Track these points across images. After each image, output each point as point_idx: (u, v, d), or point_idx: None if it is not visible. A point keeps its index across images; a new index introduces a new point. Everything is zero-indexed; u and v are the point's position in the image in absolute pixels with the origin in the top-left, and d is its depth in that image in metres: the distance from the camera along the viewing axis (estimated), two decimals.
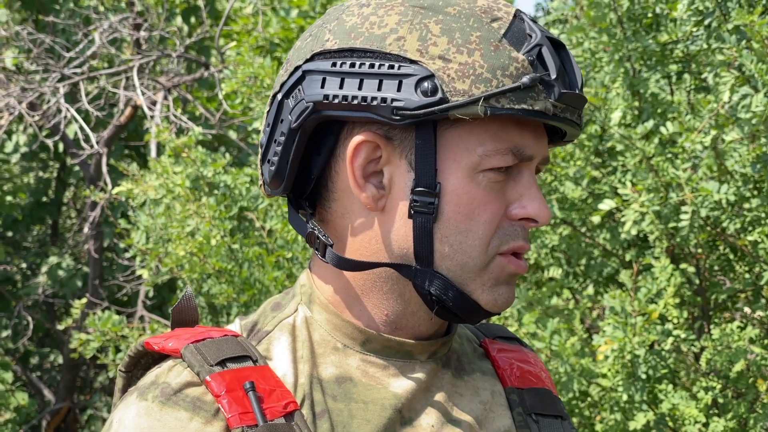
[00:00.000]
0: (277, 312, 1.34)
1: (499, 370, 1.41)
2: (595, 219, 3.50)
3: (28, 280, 9.07)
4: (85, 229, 7.14)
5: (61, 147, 7.84)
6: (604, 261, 3.92)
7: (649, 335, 3.16)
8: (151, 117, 6.29)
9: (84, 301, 4.93)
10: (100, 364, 8.09)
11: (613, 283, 3.95)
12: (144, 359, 1.35)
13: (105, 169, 6.60)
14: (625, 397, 3.24)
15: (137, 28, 6.70)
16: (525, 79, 1.19)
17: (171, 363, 1.27)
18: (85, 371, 8.98)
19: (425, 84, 1.19)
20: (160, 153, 6.16)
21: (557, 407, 1.41)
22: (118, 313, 6.65)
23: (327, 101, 1.22)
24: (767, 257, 3.29)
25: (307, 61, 1.26)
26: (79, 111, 6.92)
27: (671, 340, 3.22)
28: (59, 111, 6.55)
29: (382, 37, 1.22)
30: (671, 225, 3.27)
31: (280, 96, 1.28)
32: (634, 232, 3.29)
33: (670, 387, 3.30)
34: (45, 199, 8.99)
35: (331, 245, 1.29)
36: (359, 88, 1.21)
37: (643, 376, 3.19)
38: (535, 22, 1.25)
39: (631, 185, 3.30)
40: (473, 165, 1.23)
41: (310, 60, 1.26)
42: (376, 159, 1.25)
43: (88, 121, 7.00)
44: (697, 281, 3.62)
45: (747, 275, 3.55)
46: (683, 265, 3.53)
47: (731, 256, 3.60)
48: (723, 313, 3.75)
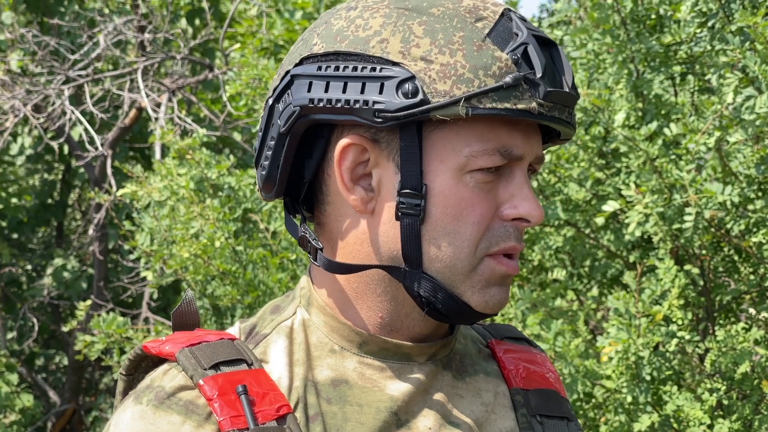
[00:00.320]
0: (276, 315, 1.34)
1: (504, 371, 1.40)
2: (599, 220, 3.49)
3: (34, 282, 9.09)
4: (90, 231, 7.15)
5: (66, 149, 7.85)
6: (608, 262, 3.92)
7: (654, 337, 3.16)
8: (156, 119, 6.29)
9: (89, 302, 4.94)
10: (104, 365, 8.08)
11: (618, 284, 3.95)
12: (144, 362, 1.35)
13: (110, 171, 6.61)
14: (629, 398, 3.23)
15: (142, 30, 6.70)
16: (508, 79, 1.18)
17: (166, 367, 1.27)
18: (91, 373, 8.99)
19: (406, 86, 1.19)
20: (164, 155, 6.17)
21: (563, 408, 1.40)
22: (123, 314, 6.64)
23: (313, 105, 1.23)
24: None
25: (296, 65, 1.27)
26: (83, 113, 6.92)
27: (675, 341, 3.22)
28: (64, 113, 6.55)
29: (366, 39, 1.22)
30: (675, 226, 3.26)
31: (271, 100, 1.29)
32: (638, 234, 3.28)
33: (675, 388, 3.29)
34: (50, 201, 9.01)
35: (320, 249, 1.29)
36: (343, 92, 1.21)
37: (648, 377, 3.18)
38: (525, 20, 1.25)
39: (635, 187, 3.30)
40: (460, 166, 1.22)
41: (299, 64, 1.27)
42: (365, 162, 1.25)
43: (92, 123, 7.01)
44: (701, 282, 3.61)
45: (752, 277, 3.54)
46: (687, 267, 3.53)
47: (736, 258, 3.59)
48: (728, 315, 3.75)
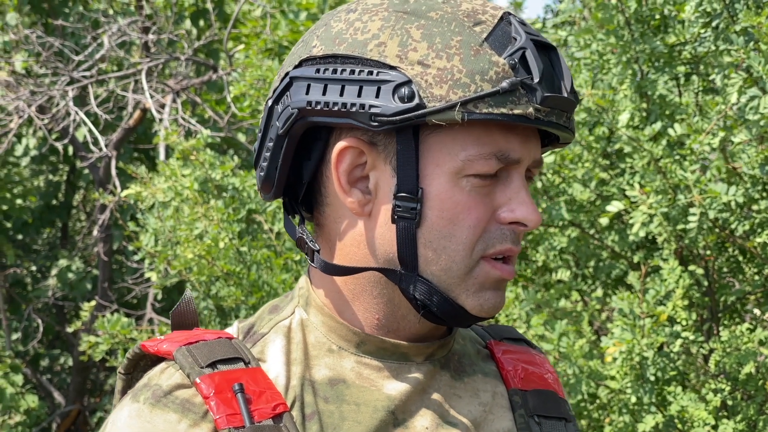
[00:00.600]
0: (274, 314, 1.35)
1: (503, 372, 1.40)
2: (604, 221, 3.49)
3: (38, 283, 9.10)
4: (95, 232, 7.16)
5: (70, 150, 7.86)
6: (613, 263, 3.91)
7: (658, 337, 3.15)
8: (160, 120, 6.30)
9: (93, 303, 4.94)
10: (109, 366, 8.10)
11: (622, 285, 3.95)
12: (143, 361, 1.36)
13: (114, 172, 6.62)
14: (633, 399, 3.23)
15: (146, 31, 6.71)
16: (504, 84, 1.19)
17: (164, 365, 1.28)
18: (95, 374, 8.99)
19: (403, 90, 1.19)
20: (168, 156, 6.17)
21: (561, 409, 1.40)
22: (127, 315, 6.66)
23: (311, 107, 1.23)
24: None
25: (295, 67, 1.27)
26: (88, 114, 6.93)
27: (680, 342, 3.22)
28: (68, 114, 6.56)
29: (364, 43, 1.23)
30: (679, 227, 3.26)
31: (270, 102, 1.29)
32: (642, 234, 3.28)
33: (679, 389, 3.29)
34: (55, 202, 9.01)
35: (317, 250, 1.29)
36: (341, 95, 1.22)
37: (652, 378, 3.18)
38: (524, 24, 1.24)
39: (639, 187, 3.30)
40: (456, 170, 1.22)
41: (298, 66, 1.27)
42: (362, 164, 1.26)
43: (96, 124, 7.01)
44: (705, 283, 3.61)
45: (756, 277, 3.54)
46: (692, 267, 3.52)
47: (740, 258, 3.59)
48: (732, 316, 3.74)
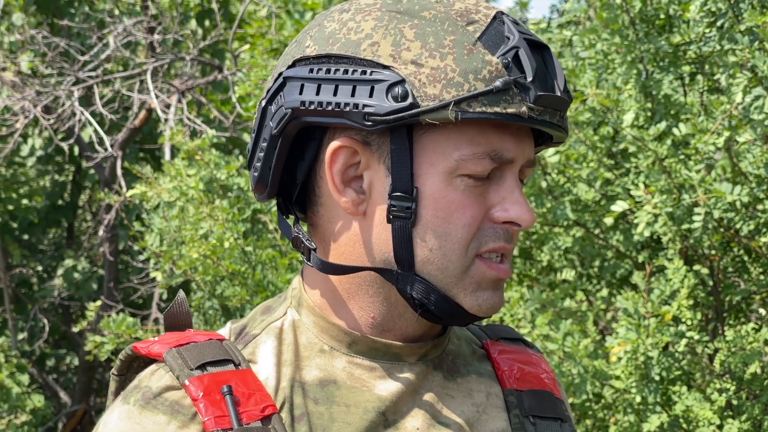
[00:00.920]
0: (266, 315, 1.35)
1: (498, 372, 1.40)
2: (608, 221, 3.49)
3: (44, 283, 9.12)
4: (101, 232, 7.17)
5: (76, 150, 7.87)
6: (618, 263, 3.91)
7: (663, 337, 3.15)
8: (165, 120, 6.31)
9: (98, 303, 4.95)
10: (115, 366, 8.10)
11: (627, 284, 3.95)
12: (136, 363, 1.36)
13: (120, 172, 6.63)
14: (638, 398, 3.23)
15: (151, 31, 6.72)
16: (498, 83, 1.18)
17: (154, 367, 1.28)
18: (101, 373, 9.01)
19: (396, 89, 1.19)
20: (174, 156, 6.18)
21: (557, 410, 1.40)
22: (133, 315, 6.66)
23: (304, 107, 1.23)
24: None
25: (288, 67, 1.27)
26: (93, 114, 6.95)
27: (685, 341, 3.22)
28: (74, 114, 6.57)
29: (357, 42, 1.23)
30: (684, 226, 3.26)
31: (264, 102, 1.29)
32: (647, 234, 3.28)
33: (684, 389, 3.29)
34: (60, 202, 9.03)
35: (314, 249, 1.29)
36: (334, 94, 1.22)
37: (657, 377, 3.18)
38: (517, 23, 1.24)
39: (644, 187, 3.30)
40: (450, 169, 1.22)
41: (292, 66, 1.27)
42: (356, 164, 1.26)
43: (102, 124, 7.02)
44: (710, 283, 3.61)
45: (762, 277, 3.54)
46: (697, 267, 3.52)
47: (746, 258, 3.59)
48: (737, 316, 3.74)
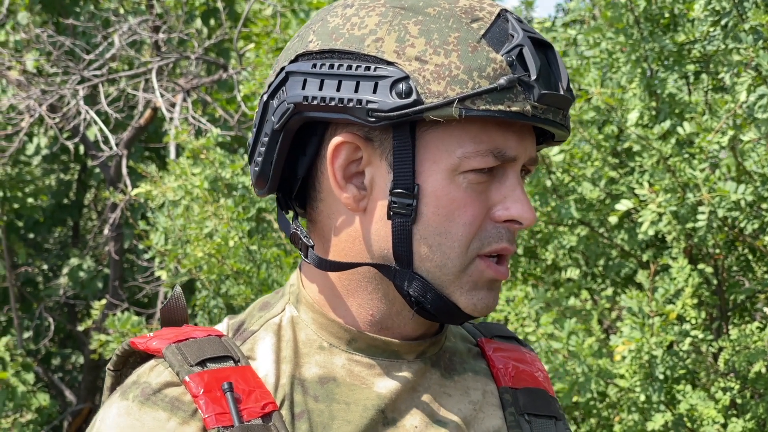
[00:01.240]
0: (264, 312, 1.34)
1: (493, 370, 1.40)
2: (613, 219, 3.49)
3: (50, 282, 9.13)
4: (106, 231, 7.18)
5: (81, 149, 7.88)
6: (622, 262, 3.91)
7: (667, 336, 3.15)
8: (170, 119, 6.31)
9: (103, 302, 4.96)
10: None
11: (631, 283, 3.95)
12: (132, 358, 1.35)
13: (125, 170, 6.63)
14: (642, 397, 3.23)
15: (156, 30, 6.72)
16: (502, 81, 1.18)
17: (153, 363, 1.27)
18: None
19: (400, 86, 1.19)
20: (179, 155, 6.19)
21: (551, 408, 1.40)
22: (138, 314, 6.68)
23: (307, 103, 1.22)
24: None
25: (291, 62, 1.27)
26: (98, 113, 6.95)
27: (689, 340, 3.22)
28: (79, 113, 6.58)
29: (361, 38, 1.22)
30: (689, 225, 3.26)
31: (265, 97, 1.28)
32: (651, 233, 3.28)
33: (689, 387, 3.29)
34: (66, 201, 9.04)
35: (311, 246, 1.29)
36: (337, 90, 1.21)
37: (661, 376, 3.18)
38: (521, 21, 1.24)
39: (649, 186, 3.29)
40: (453, 166, 1.22)
41: (294, 61, 1.26)
42: (357, 160, 1.25)
43: (107, 123, 7.03)
44: (715, 281, 3.61)
45: (766, 276, 3.53)
46: (701, 266, 3.52)
47: (750, 257, 3.58)
48: (742, 314, 3.74)
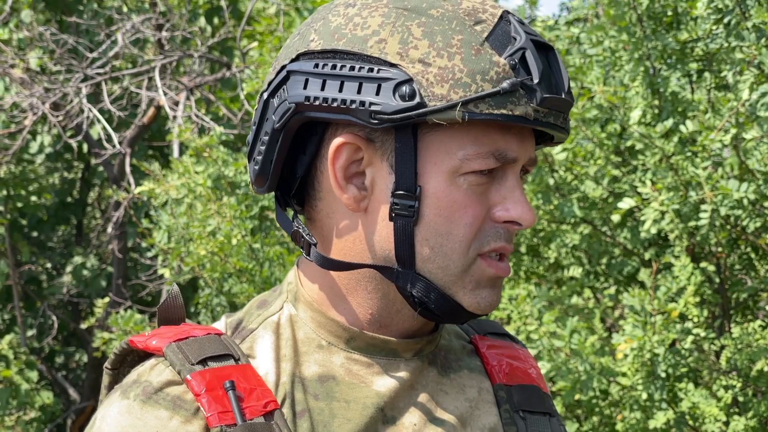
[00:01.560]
0: (262, 310, 1.34)
1: (488, 367, 1.40)
2: (615, 218, 3.49)
3: (53, 280, 9.14)
4: (109, 229, 7.19)
5: (84, 148, 7.89)
6: (625, 260, 3.91)
7: (669, 334, 3.15)
8: (174, 117, 6.32)
9: (106, 300, 4.97)
10: None
11: (634, 281, 3.95)
12: (130, 357, 1.35)
13: (128, 169, 6.64)
14: (644, 395, 3.23)
15: (160, 28, 6.73)
16: (505, 84, 1.18)
17: (153, 362, 1.27)
18: None
19: (403, 88, 1.19)
20: (182, 153, 6.19)
21: (545, 404, 1.41)
22: (141, 312, 6.68)
23: (308, 103, 1.23)
24: None
25: (292, 60, 1.26)
26: (101, 111, 6.96)
27: (691, 338, 3.22)
28: (82, 111, 6.59)
29: (364, 39, 1.22)
30: (691, 224, 3.26)
31: (266, 95, 1.28)
32: (653, 231, 3.28)
33: (691, 386, 3.29)
34: (70, 199, 9.05)
35: (314, 244, 1.29)
36: (340, 91, 1.21)
37: (663, 374, 3.18)
38: (523, 23, 1.24)
39: (651, 184, 3.30)
40: (454, 168, 1.22)
41: (296, 60, 1.26)
42: (358, 160, 1.25)
43: (110, 121, 7.04)
44: (717, 280, 3.61)
45: None
46: (703, 264, 3.52)
47: (753, 255, 3.58)
48: (744, 313, 3.74)
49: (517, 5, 4.95)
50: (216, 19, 7.62)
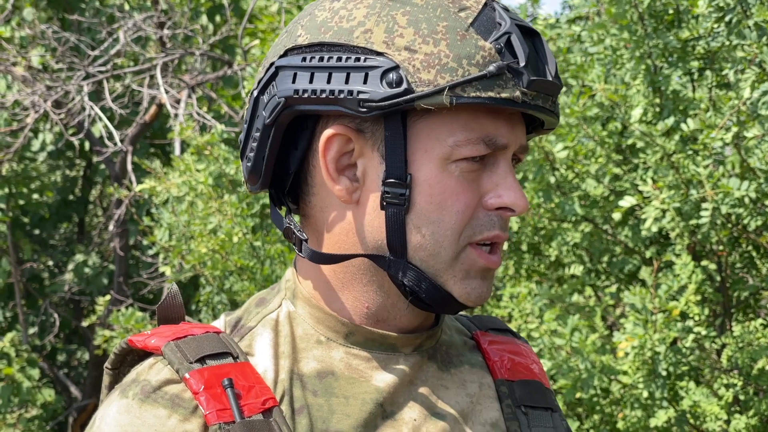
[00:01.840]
0: (261, 307, 1.34)
1: (489, 362, 1.40)
2: (617, 216, 3.49)
3: (55, 278, 9.14)
4: (111, 227, 7.19)
5: (86, 145, 7.89)
6: (626, 258, 3.91)
7: (670, 332, 3.15)
8: (175, 115, 6.32)
9: (108, 298, 4.97)
10: None
11: (635, 280, 3.95)
12: (130, 356, 1.35)
13: (130, 167, 6.64)
14: (645, 394, 3.23)
15: (161, 26, 6.73)
16: (491, 68, 1.19)
17: (152, 360, 1.27)
18: None
19: (390, 75, 1.19)
20: (183, 151, 6.19)
21: (547, 399, 1.40)
22: (142, 310, 6.68)
23: (297, 96, 1.23)
24: None
25: (280, 57, 1.27)
26: (103, 109, 6.96)
27: (692, 337, 3.22)
28: (83, 109, 6.59)
29: (350, 30, 1.23)
30: (692, 222, 3.26)
31: (256, 92, 1.29)
32: (655, 229, 3.28)
33: (692, 384, 3.29)
34: (71, 197, 9.06)
35: (305, 240, 1.29)
36: (328, 82, 1.22)
37: (664, 373, 3.18)
38: (508, 10, 1.25)
39: (652, 182, 3.29)
40: (444, 155, 1.23)
41: (284, 56, 1.27)
42: (349, 152, 1.25)
43: (112, 119, 7.04)
44: (718, 278, 3.61)
45: None
46: (705, 262, 3.52)
47: (754, 254, 3.58)
48: (745, 311, 3.74)
49: (519, 3, 4.95)
50: (218, 17, 7.62)
